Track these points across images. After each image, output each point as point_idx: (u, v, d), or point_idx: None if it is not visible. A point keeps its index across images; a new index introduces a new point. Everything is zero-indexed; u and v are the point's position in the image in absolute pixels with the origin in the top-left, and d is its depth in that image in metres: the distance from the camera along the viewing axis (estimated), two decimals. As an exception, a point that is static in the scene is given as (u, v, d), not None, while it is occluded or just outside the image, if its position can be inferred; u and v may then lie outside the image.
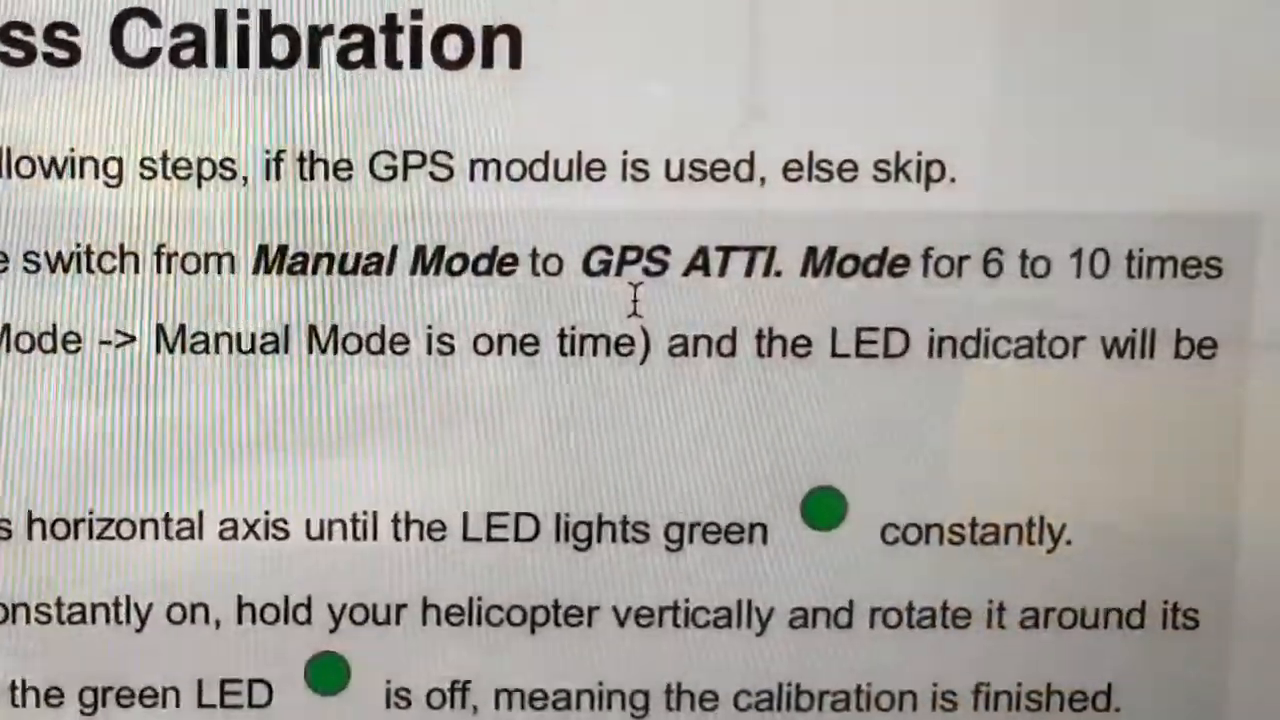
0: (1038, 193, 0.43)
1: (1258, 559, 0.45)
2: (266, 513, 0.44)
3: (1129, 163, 0.43)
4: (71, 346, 0.43)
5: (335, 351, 0.43)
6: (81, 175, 0.42)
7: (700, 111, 0.42)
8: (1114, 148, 0.43)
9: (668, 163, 0.43)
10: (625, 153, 0.43)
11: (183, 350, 0.43)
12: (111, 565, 0.44)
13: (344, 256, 0.43)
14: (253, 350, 0.43)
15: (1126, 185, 0.43)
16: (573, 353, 0.43)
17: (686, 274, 0.43)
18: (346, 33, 0.42)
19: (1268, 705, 0.45)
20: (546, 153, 0.42)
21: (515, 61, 0.42)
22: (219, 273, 0.43)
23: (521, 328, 0.43)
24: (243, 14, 0.41)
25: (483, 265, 0.43)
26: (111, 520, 0.43)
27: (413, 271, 0.43)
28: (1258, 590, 0.45)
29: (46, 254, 0.42)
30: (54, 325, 0.42)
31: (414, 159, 0.42)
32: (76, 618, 0.44)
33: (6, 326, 0.43)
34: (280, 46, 0.42)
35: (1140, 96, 0.43)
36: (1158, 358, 0.44)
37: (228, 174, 0.42)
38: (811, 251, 0.43)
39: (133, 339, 0.43)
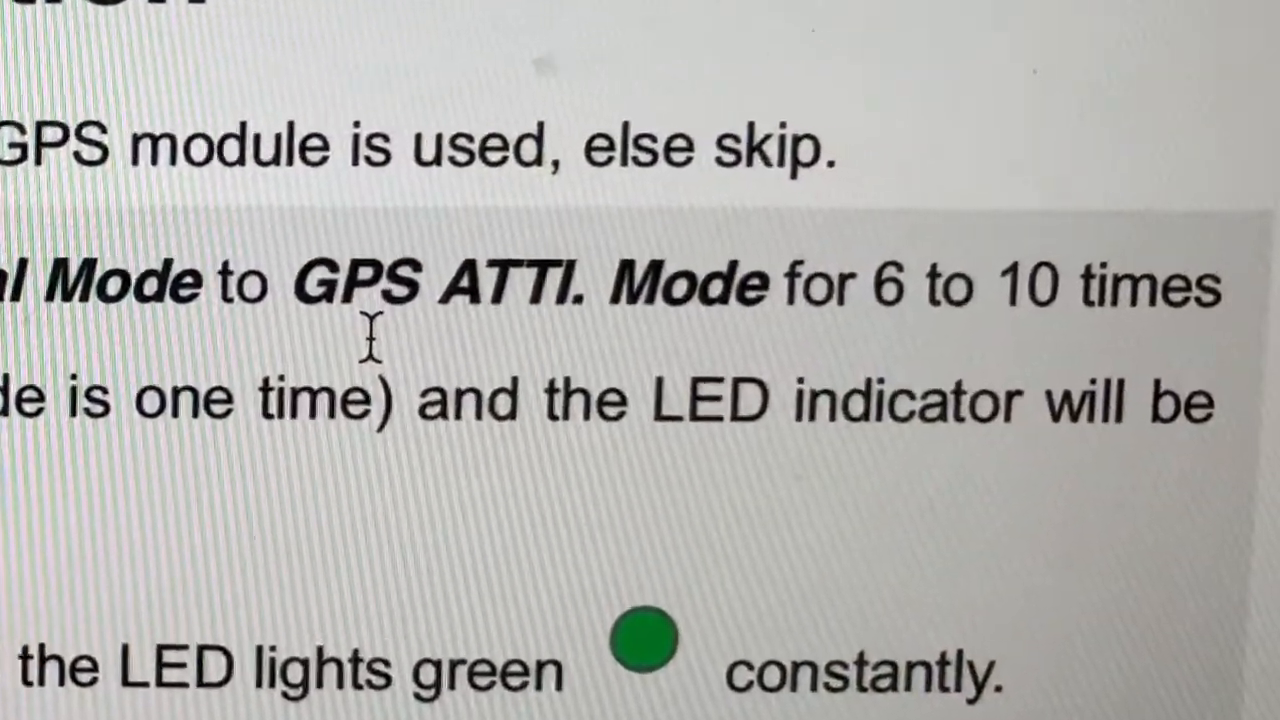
0: (953, 183, 0.40)
1: (1269, 711, 0.41)
2: None
3: (1086, 141, 0.40)
4: None
5: (-63, 412, 0.40)
6: None
7: (465, 65, 0.39)
8: (1063, 119, 0.39)
9: (418, 138, 0.39)
10: (356, 124, 0.39)
11: None
12: None
13: (-51, 276, 0.40)
14: None
15: (1082, 173, 0.40)
16: (280, 414, 0.40)
17: (445, 300, 0.40)
18: (-51, -52, 0.38)
19: None
20: (243, 124, 0.39)
21: (198, -10, 0.39)
22: None
23: (207, 378, 0.39)
24: None
25: (151, 287, 0.39)
26: None
27: (49, 296, 0.39)
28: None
29: None
30: None
31: (50, 133, 0.39)
32: None
33: None
34: None
35: (1102, 45, 0.39)
36: (1128, 421, 0.40)
37: None
38: (627, 267, 0.40)
39: None
